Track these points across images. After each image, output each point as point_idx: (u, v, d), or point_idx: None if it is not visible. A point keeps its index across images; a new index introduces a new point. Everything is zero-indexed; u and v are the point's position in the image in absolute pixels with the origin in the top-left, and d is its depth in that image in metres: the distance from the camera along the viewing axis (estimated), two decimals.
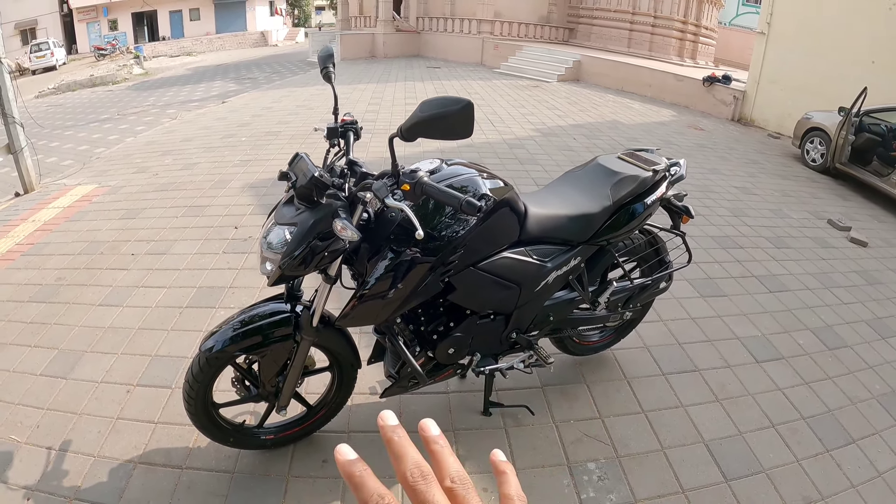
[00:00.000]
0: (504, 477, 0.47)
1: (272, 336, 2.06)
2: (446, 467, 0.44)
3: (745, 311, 3.92)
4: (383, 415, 0.47)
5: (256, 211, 5.12)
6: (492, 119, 9.70)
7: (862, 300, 4.40)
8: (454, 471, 0.44)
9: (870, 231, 6.08)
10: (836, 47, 10.23)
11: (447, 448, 0.46)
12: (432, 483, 0.42)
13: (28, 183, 6.16)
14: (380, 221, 1.92)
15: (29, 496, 2.21)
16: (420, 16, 21.68)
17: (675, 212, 2.68)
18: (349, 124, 2.08)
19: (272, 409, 2.28)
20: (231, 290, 3.73)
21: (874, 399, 3.19)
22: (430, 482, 0.41)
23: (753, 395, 3.06)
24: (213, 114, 10.82)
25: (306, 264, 1.82)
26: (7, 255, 4.39)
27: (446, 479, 0.43)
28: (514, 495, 0.45)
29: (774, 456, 2.64)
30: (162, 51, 32.05)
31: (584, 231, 2.38)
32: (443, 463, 0.44)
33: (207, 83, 18.72)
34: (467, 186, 1.96)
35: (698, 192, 6.50)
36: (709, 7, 19.16)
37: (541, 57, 16.85)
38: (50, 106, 16.64)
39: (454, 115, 1.61)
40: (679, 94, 13.34)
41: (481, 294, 2.17)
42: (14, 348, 3.18)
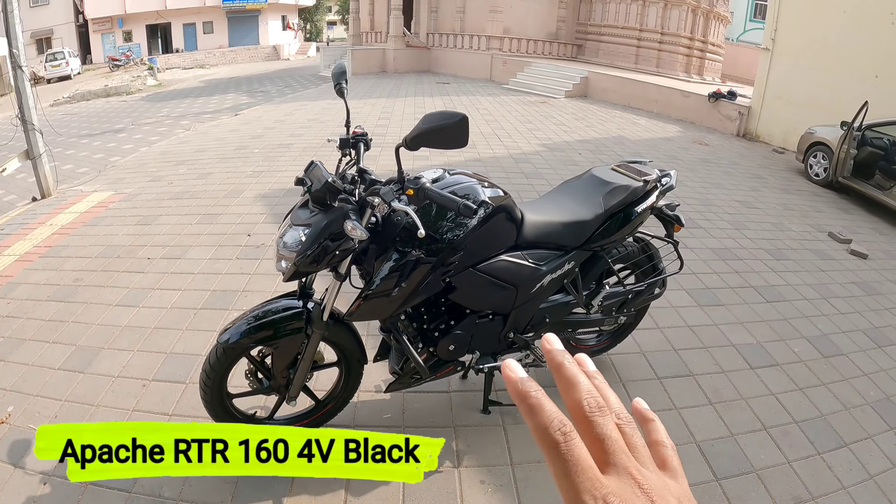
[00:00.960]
0: (652, 425, 0.46)
1: (285, 329, 2.20)
2: (610, 403, 0.41)
3: (742, 320, 4.01)
4: (549, 338, 0.45)
5: (269, 220, 5.27)
6: (499, 134, 9.84)
7: (860, 310, 4.47)
8: (618, 407, 0.42)
9: (871, 244, 6.15)
10: (841, 62, 10.35)
11: (606, 383, 0.44)
12: (609, 416, 0.40)
13: (45, 188, 6.35)
14: (386, 224, 2.08)
15: (45, 481, 2.33)
16: (430, 32, 21.93)
17: (668, 221, 2.81)
18: (360, 136, 2.25)
19: (282, 401, 2.41)
20: (244, 294, 3.87)
21: (868, 405, 3.26)
22: (606, 415, 0.39)
23: (746, 399, 3.14)
24: (226, 126, 11.04)
25: (318, 262, 1.97)
26: (25, 257, 4.56)
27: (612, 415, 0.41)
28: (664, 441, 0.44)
29: (766, 457, 2.72)
30: (175, 63, 32.49)
31: (578, 237, 2.51)
32: (607, 398, 0.42)
33: (220, 95, 19.01)
34: (468, 194, 2.11)
35: (700, 205, 6.60)
36: (716, 23, 19.33)
37: (549, 73, 17.02)
38: (65, 114, 16.92)
39: (452, 128, 1.81)
40: (685, 109, 13.46)
41: (480, 294, 2.31)
42: (33, 344, 3.33)
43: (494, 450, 2.60)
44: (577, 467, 0.36)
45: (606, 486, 0.36)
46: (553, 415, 0.38)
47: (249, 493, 2.29)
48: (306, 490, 2.33)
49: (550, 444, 0.37)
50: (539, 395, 0.39)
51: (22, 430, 2.62)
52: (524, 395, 0.39)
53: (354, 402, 2.70)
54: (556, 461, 0.37)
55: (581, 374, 0.41)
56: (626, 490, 0.36)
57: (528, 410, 0.38)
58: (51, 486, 2.31)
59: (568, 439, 0.37)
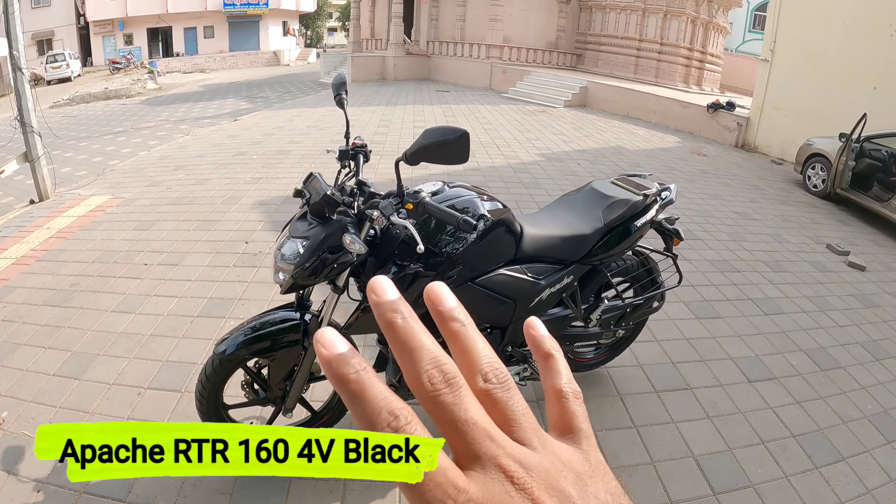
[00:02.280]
0: (551, 362, 0.35)
1: (282, 341, 2.18)
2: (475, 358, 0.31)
3: (740, 333, 4.01)
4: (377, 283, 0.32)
5: (267, 227, 5.26)
6: (498, 143, 9.86)
7: (857, 323, 4.47)
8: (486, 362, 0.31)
9: (869, 256, 6.16)
10: (839, 74, 10.41)
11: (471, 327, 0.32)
12: (461, 390, 0.29)
13: (43, 191, 6.34)
14: (385, 238, 2.07)
15: (39, 489, 2.31)
16: (430, 40, 22.03)
17: (667, 235, 2.81)
18: (359, 147, 2.24)
19: (279, 412, 2.39)
20: (241, 302, 3.86)
21: (866, 419, 3.25)
22: (458, 388, 0.29)
23: (744, 413, 3.13)
24: (225, 131, 11.05)
25: (316, 275, 1.96)
26: (22, 260, 4.54)
27: (477, 378, 0.31)
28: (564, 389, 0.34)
29: (763, 471, 2.71)
30: (175, 67, 32.55)
31: (577, 251, 2.50)
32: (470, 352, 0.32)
33: (220, 100, 19.02)
34: (467, 207, 2.10)
35: (698, 217, 6.61)
36: (715, 34, 19.43)
37: (548, 82, 17.09)
38: (64, 116, 16.92)
39: (452, 144, 1.80)
40: (684, 120, 13.51)
41: (478, 308, 2.30)
42: (28, 349, 3.31)
43: None
44: None
45: (465, 491, 0.27)
46: (381, 402, 0.28)
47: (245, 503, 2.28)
48: (301, 501, 2.31)
49: None
50: (362, 377, 0.28)
51: (16, 436, 2.60)
52: (342, 378, 0.28)
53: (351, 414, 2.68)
54: None
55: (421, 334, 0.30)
56: (495, 490, 0.28)
57: (349, 399, 0.28)
58: (44, 494, 2.29)
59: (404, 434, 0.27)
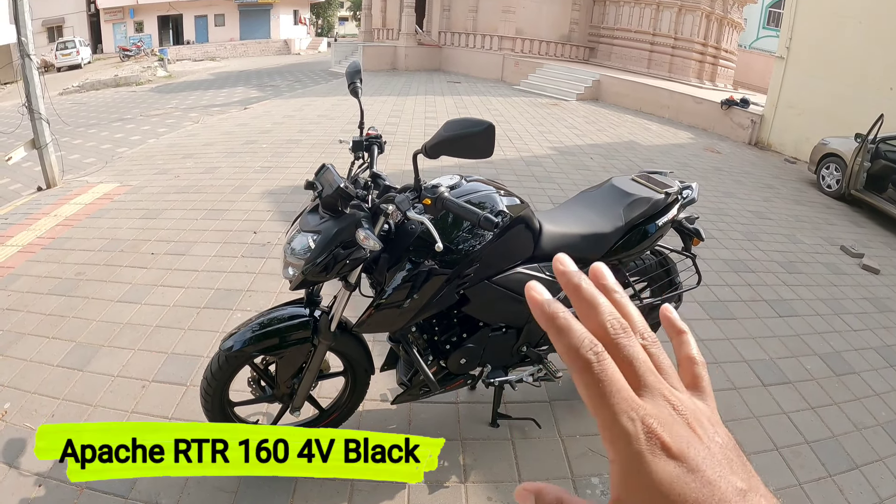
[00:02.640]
0: (683, 337, 0.43)
1: (290, 339, 2.13)
2: (632, 322, 0.39)
3: (754, 335, 3.94)
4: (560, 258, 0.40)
5: (275, 217, 5.22)
6: (510, 136, 9.78)
7: (872, 327, 4.39)
8: (642, 326, 0.39)
9: (883, 258, 6.06)
10: (855, 73, 10.25)
11: (627, 297, 0.40)
12: (633, 336, 0.37)
13: (51, 178, 6.31)
14: (400, 233, 2.00)
15: (40, 483, 2.28)
16: (442, 30, 21.90)
17: (687, 234, 2.74)
18: (374, 138, 2.17)
19: (286, 409, 2.34)
20: (248, 294, 3.81)
21: (879, 426, 3.19)
22: (631, 335, 0.37)
23: (758, 418, 3.07)
24: (234, 119, 11.01)
25: (328, 271, 1.89)
26: (28, 248, 4.51)
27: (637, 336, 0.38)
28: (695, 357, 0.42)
29: (777, 478, 2.65)
30: (186, 55, 32.53)
31: (597, 250, 2.43)
32: (628, 317, 0.39)
33: (230, 89, 18.98)
34: (485, 203, 2.03)
35: (713, 215, 6.53)
36: (729, 30, 19.22)
37: (561, 75, 16.95)
38: (74, 104, 16.93)
39: (477, 136, 1.71)
40: (697, 116, 13.36)
41: (495, 307, 2.24)
42: (32, 339, 3.27)
43: (502, 465, 2.53)
44: (612, 388, 0.34)
45: (643, 406, 0.34)
46: (583, 335, 0.35)
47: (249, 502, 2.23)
48: (307, 501, 2.27)
49: (582, 365, 0.34)
50: (567, 316, 0.36)
51: (18, 428, 2.57)
52: (552, 316, 0.36)
53: (359, 411, 2.64)
54: (588, 383, 0.34)
55: (600, 295, 0.38)
56: (663, 411, 0.35)
57: (557, 332, 0.36)
58: (46, 489, 2.26)
59: (600, 359, 0.34)
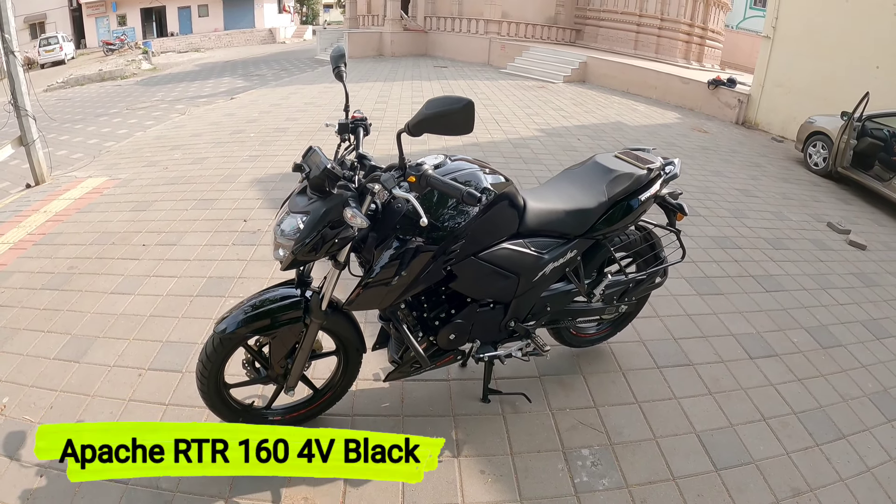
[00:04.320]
0: None
1: (283, 319, 2.16)
2: None
3: (741, 310, 4.00)
4: None
5: (265, 205, 5.22)
6: (497, 119, 9.76)
7: (858, 301, 4.46)
8: None
9: (870, 235, 6.13)
10: (842, 52, 10.27)
11: None
12: None
13: (39, 175, 6.28)
14: (387, 212, 2.03)
15: (42, 473, 2.30)
16: (428, 15, 21.75)
17: (671, 209, 2.78)
18: (359, 121, 2.20)
19: (280, 390, 2.38)
20: (240, 281, 3.83)
21: (866, 397, 3.26)
22: None
23: (746, 390, 3.13)
24: (221, 110, 10.93)
25: (317, 250, 1.92)
26: (20, 245, 4.50)
27: None
28: None
29: (765, 448, 2.72)
30: (170, 46, 32.19)
31: (580, 225, 2.47)
32: None
33: (216, 79, 18.85)
34: (469, 180, 2.06)
35: (700, 193, 6.57)
36: (716, 10, 19.18)
37: (547, 58, 16.88)
38: (59, 99, 16.77)
39: (457, 113, 1.75)
40: (684, 96, 13.38)
41: (481, 282, 2.28)
42: (28, 333, 3.29)
43: (494, 439, 2.58)
44: None
45: None
46: None
47: (247, 485, 2.27)
48: (305, 480, 2.31)
49: None
50: None
51: (18, 421, 2.59)
52: None
53: (353, 391, 2.67)
54: None
55: None
56: None
57: None
58: (47, 479, 2.28)
59: None
